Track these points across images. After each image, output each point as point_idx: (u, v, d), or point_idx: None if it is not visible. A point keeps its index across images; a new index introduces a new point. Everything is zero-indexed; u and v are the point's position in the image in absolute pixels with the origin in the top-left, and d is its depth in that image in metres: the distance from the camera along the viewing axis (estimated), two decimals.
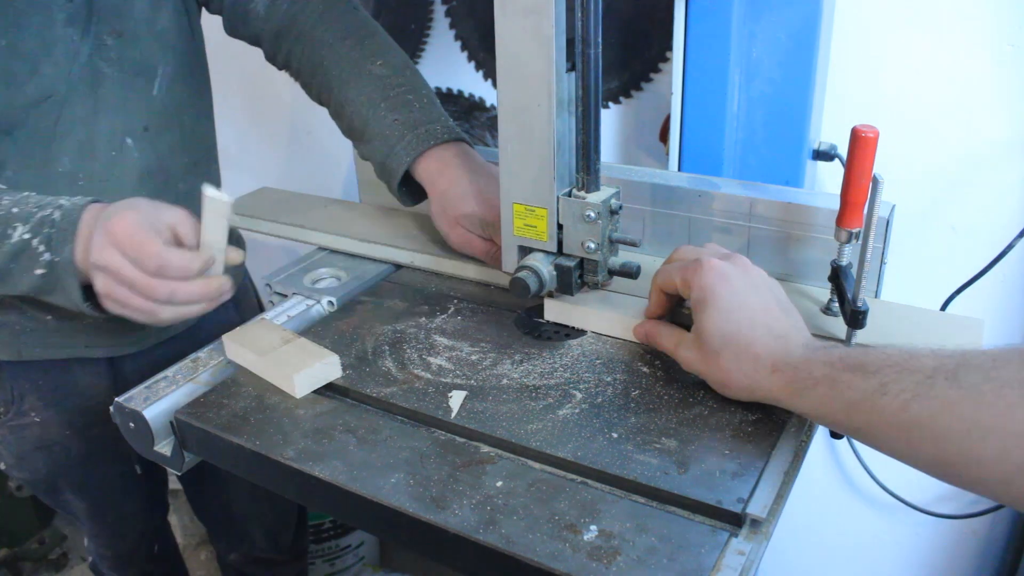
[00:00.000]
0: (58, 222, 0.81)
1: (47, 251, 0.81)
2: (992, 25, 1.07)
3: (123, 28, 0.98)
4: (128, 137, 1.02)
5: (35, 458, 1.17)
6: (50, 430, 1.15)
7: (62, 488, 1.23)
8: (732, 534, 0.61)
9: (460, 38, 1.48)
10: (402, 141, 0.98)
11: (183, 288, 0.79)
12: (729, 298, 0.72)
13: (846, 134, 0.76)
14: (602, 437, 0.71)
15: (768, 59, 1.01)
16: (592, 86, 0.77)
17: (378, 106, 1.00)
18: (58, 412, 1.14)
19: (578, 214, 0.81)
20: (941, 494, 1.39)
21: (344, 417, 0.77)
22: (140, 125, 1.03)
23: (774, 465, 0.67)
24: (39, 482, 1.23)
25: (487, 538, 0.61)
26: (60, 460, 1.18)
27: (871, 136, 0.74)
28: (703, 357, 0.73)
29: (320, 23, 1.05)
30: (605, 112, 1.36)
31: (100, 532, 1.32)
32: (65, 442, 1.16)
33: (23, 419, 1.13)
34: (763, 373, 0.68)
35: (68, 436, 1.16)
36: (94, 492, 1.25)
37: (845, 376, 0.62)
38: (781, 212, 0.89)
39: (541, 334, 0.88)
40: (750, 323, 0.70)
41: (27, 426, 1.14)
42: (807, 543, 1.57)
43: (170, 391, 0.82)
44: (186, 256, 0.79)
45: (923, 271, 1.22)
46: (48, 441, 1.16)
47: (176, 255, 0.78)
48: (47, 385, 1.12)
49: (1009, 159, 1.12)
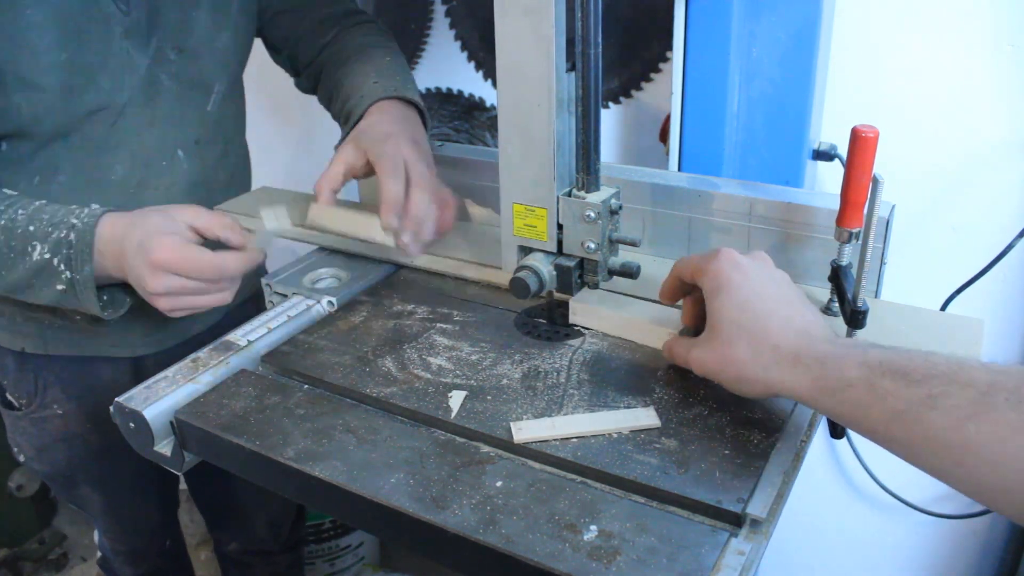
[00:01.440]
0: (74, 243, 0.87)
1: (67, 270, 0.88)
2: (992, 25, 1.07)
3: (185, 44, 1.02)
4: (180, 149, 1.06)
5: (55, 450, 1.20)
6: (71, 423, 1.17)
7: (80, 482, 1.25)
8: (732, 534, 0.61)
9: (460, 38, 1.48)
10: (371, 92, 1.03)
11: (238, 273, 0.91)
12: (744, 285, 0.68)
13: (846, 134, 0.76)
14: (602, 437, 0.71)
15: (768, 59, 1.01)
16: (592, 86, 0.77)
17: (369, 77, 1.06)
18: (80, 405, 1.16)
19: (578, 214, 0.81)
20: (941, 494, 1.39)
21: (344, 417, 0.77)
22: (192, 138, 1.07)
23: (774, 465, 0.67)
24: (58, 475, 1.25)
25: (487, 538, 0.61)
26: (80, 453, 1.20)
27: (871, 136, 0.74)
28: (716, 351, 0.68)
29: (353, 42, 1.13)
30: (605, 112, 1.36)
31: (114, 527, 1.34)
32: (85, 435, 1.18)
33: (46, 411, 1.16)
34: (784, 366, 0.64)
35: (89, 429, 1.18)
36: (111, 486, 1.27)
37: (885, 382, 0.57)
38: (781, 212, 0.89)
39: (541, 334, 0.88)
40: (766, 312, 0.66)
41: (49, 418, 1.16)
42: (807, 543, 1.57)
43: (170, 391, 0.82)
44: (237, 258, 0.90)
45: (923, 271, 1.22)
46: (69, 434, 1.18)
47: (230, 260, 0.89)
48: (70, 378, 1.14)
49: (1009, 159, 1.12)
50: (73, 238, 0.87)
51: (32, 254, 0.88)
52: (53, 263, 0.87)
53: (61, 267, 0.87)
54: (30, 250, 0.88)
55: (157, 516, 1.37)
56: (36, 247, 0.87)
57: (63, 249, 0.87)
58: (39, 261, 0.87)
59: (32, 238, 0.88)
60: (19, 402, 1.16)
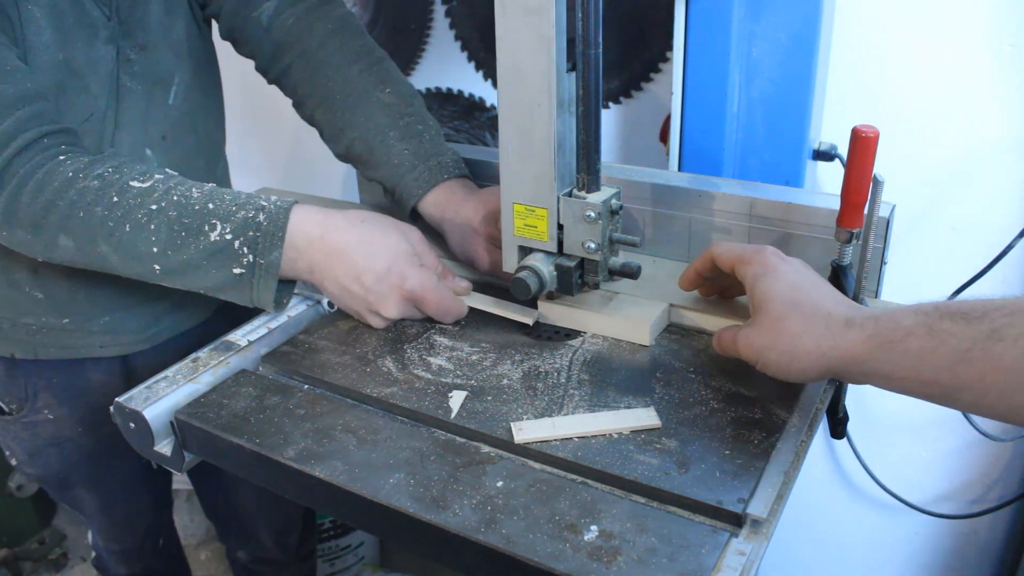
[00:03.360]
0: (264, 226, 0.83)
1: (250, 253, 0.83)
2: (992, 25, 1.07)
3: (145, 41, 1.00)
4: (147, 147, 1.03)
5: (48, 454, 1.19)
6: (63, 427, 1.16)
7: (73, 484, 1.25)
8: (732, 534, 0.61)
9: (460, 38, 1.48)
10: (412, 172, 1.00)
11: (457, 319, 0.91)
12: (789, 272, 0.71)
13: (846, 134, 0.76)
14: (602, 437, 0.71)
15: (768, 59, 1.01)
16: (592, 86, 0.77)
17: (387, 134, 1.01)
18: (71, 409, 1.15)
19: (578, 214, 0.81)
20: (941, 494, 1.39)
21: (344, 417, 0.77)
22: (159, 135, 1.04)
23: (774, 465, 0.67)
24: (51, 478, 1.24)
25: (487, 538, 0.61)
26: (72, 456, 1.20)
27: (871, 136, 0.74)
28: (766, 328, 0.68)
29: (327, 44, 1.05)
30: (605, 112, 1.36)
31: (108, 527, 1.34)
32: (77, 438, 1.18)
33: (37, 416, 1.15)
34: (837, 329, 0.63)
35: (80, 433, 1.17)
36: (105, 487, 1.26)
37: (945, 324, 0.56)
38: (781, 212, 0.89)
39: (541, 334, 0.88)
40: (815, 289, 0.69)
41: (40, 423, 1.16)
42: (807, 543, 1.57)
43: (170, 391, 0.82)
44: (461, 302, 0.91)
45: (923, 271, 1.22)
46: (61, 438, 1.17)
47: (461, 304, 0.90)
48: (61, 383, 1.13)
49: (1009, 159, 1.12)
50: (263, 219, 0.83)
51: (210, 234, 0.82)
52: (234, 245, 0.83)
53: (244, 250, 0.83)
54: (207, 229, 0.82)
55: (150, 515, 1.36)
56: (216, 226, 0.82)
57: (249, 231, 0.83)
58: (218, 242, 0.82)
59: (212, 216, 0.83)
60: (9, 408, 1.15)
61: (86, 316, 1.07)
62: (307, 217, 0.85)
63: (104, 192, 0.83)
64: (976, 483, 1.36)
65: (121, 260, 0.85)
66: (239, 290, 0.85)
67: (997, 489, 1.35)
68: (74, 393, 1.14)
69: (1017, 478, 1.32)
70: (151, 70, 1.01)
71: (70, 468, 1.21)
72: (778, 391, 0.75)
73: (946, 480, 1.38)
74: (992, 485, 1.35)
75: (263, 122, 1.83)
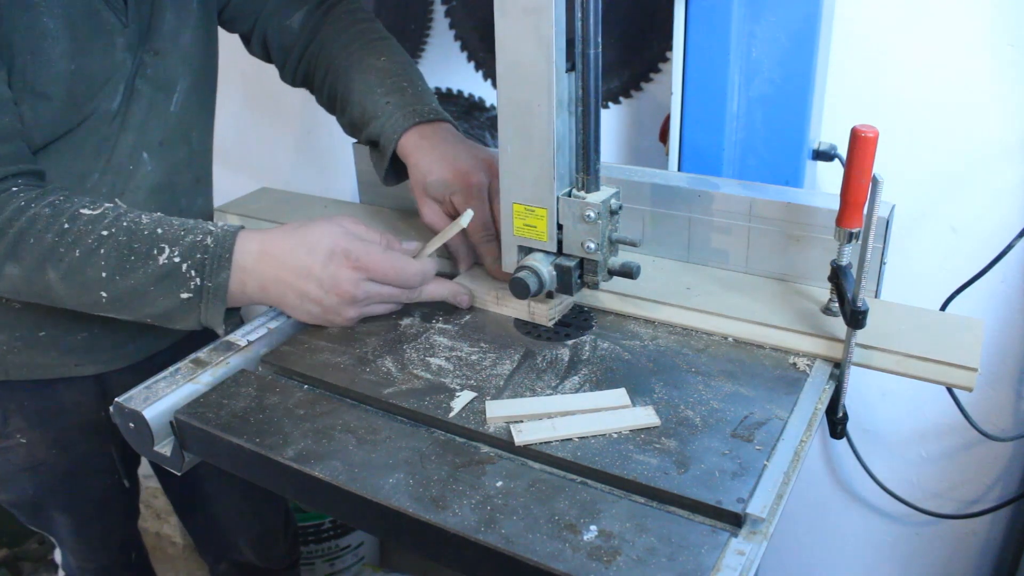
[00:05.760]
0: (212, 248, 0.84)
1: (197, 276, 0.83)
2: (992, 25, 1.07)
3: (158, 47, 1.00)
4: (145, 152, 1.03)
5: (21, 479, 1.16)
6: (36, 450, 1.13)
7: (47, 507, 1.21)
8: (732, 534, 0.61)
9: (460, 38, 1.48)
10: (390, 120, 1.01)
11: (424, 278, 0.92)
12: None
13: (846, 134, 0.76)
14: (602, 437, 0.71)
15: (768, 59, 1.01)
16: (592, 86, 0.77)
17: (375, 91, 1.04)
18: (44, 432, 1.12)
19: (578, 214, 0.81)
20: (941, 494, 1.39)
21: (344, 417, 0.77)
22: (157, 140, 1.04)
23: (774, 465, 0.67)
24: (24, 503, 1.20)
25: (487, 538, 0.61)
26: (46, 480, 1.16)
27: (871, 136, 0.74)
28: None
29: (341, 34, 1.10)
30: (605, 112, 1.36)
31: (82, 547, 1.30)
32: (51, 461, 1.15)
33: (8, 440, 1.12)
34: None
35: (55, 455, 1.14)
36: (79, 508, 1.23)
37: None
38: (781, 212, 0.89)
39: (541, 334, 0.88)
40: None
41: (13, 448, 1.12)
42: (807, 543, 1.57)
43: (170, 391, 0.82)
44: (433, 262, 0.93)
45: (923, 271, 1.22)
46: (34, 461, 1.14)
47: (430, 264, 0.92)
48: (33, 406, 1.10)
49: (1009, 159, 1.12)
50: (211, 242, 0.84)
51: (159, 257, 0.83)
52: (182, 268, 0.83)
53: (191, 273, 0.84)
54: (156, 253, 0.83)
55: (122, 530, 1.34)
56: (164, 250, 0.83)
57: (197, 253, 0.84)
58: (166, 265, 0.83)
59: (160, 240, 0.84)
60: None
61: (64, 329, 1.04)
62: (250, 236, 0.87)
63: (55, 219, 0.83)
64: (975, 483, 1.36)
65: (67, 288, 0.84)
66: (187, 316, 0.86)
67: (996, 489, 1.35)
68: (47, 415, 1.11)
69: (1016, 478, 1.32)
70: (161, 75, 1.02)
71: (44, 492, 1.18)
72: (778, 391, 0.75)
73: (946, 480, 1.38)
74: (991, 485, 1.35)
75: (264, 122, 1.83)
